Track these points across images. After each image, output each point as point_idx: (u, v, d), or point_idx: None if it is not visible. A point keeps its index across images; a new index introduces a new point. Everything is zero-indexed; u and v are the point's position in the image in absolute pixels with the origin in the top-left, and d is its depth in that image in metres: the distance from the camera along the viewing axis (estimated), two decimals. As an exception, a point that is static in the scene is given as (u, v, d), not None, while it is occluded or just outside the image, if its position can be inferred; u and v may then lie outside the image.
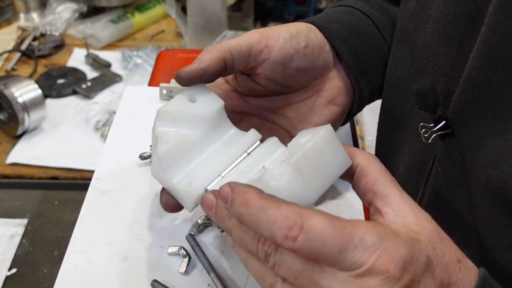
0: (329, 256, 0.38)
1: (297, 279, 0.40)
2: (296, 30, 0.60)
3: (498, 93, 0.45)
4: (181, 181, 0.53)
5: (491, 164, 0.46)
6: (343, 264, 0.38)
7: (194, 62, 0.55)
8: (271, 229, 0.38)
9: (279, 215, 0.38)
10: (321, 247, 0.37)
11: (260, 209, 0.39)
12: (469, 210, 0.51)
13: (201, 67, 0.54)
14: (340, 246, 0.38)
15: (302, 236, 0.37)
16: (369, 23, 0.66)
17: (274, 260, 0.40)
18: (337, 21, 0.65)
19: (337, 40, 0.63)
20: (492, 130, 0.46)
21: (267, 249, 0.41)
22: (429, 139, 0.53)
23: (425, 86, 0.51)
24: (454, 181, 0.52)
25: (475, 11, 0.49)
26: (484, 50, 0.45)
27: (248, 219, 0.40)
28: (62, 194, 1.22)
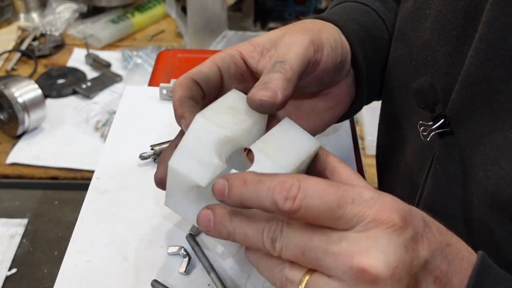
0: (329, 212, 0.38)
1: (305, 254, 0.39)
2: (334, 40, 0.57)
3: (496, 91, 0.45)
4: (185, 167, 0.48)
5: (490, 161, 0.46)
6: (344, 220, 0.38)
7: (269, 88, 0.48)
8: (272, 196, 0.39)
9: (277, 182, 0.39)
10: (320, 203, 0.38)
11: (258, 182, 0.40)
12: (465, 208, 0.51)
13: (282, 99, 0.48)
14: (338, 200, 0.38)
15: (300, 195, 0.38)
16: (383, 28, 0.66)
17: (281, 244, 0.40)
18: (356, 21, 0.63)
19: (356, 43, 0.61)
20: (491, 127, 0.46)
21: (272, 235, 0.41)
22: (428, 138, 0.53)
23: (424, 84, 0.51)
24: (452, 179, 0.52)
25: (473, 9, 0.49)
26: (481, 48, 0.46)
27: (249, 196, 0.40)
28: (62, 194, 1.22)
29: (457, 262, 0.41)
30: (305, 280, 0.40)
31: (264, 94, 0.48)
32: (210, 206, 0.45)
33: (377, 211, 0.38)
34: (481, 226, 0.49)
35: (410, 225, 0.39)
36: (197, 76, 0.53)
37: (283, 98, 0.48)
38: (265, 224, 0.41)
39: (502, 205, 0.45)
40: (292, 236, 0.40)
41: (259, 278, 0.58)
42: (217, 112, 0.49)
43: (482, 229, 0.48)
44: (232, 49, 0.56)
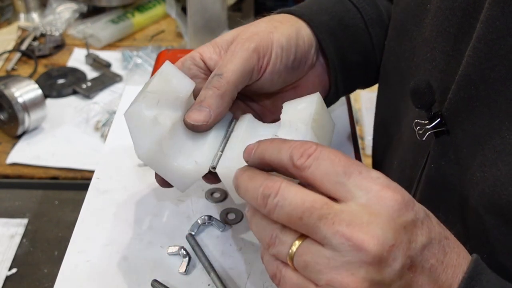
0: (334, 175, 0.39)
1: (302, 218, 0.39)
2: (286, 39, 0.59)
3: (495, 91, 0.45)
4: (184, 162, 0.53)
5: (488, 162, 0.46)
6: (346, 187, 0.39)
7: (202, 108, 0.54)
8: (291, 151, 0.41)
9: (299, 142, 0.42)
10: (329, 165, 0.39)
11: (283, 141, 0.43)
12: (459, 208, 0.51)
13: (213, 120, 0.55)
14: (347, 168, 0.39)
15: (315, 154, 0.40)
16: (358, 17, 0.66)
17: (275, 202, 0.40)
18: (327, 11, 0.64)
19: (324, 34, 0.62)
20: (489, 128, 0.46)
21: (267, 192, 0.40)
22: (423, 137, 0.53)
23: (421, 83, 0.51)
24: (446, 179, 0.52)
25: (471, 7, 0.49)
26: (480, 47, 0.45)
27: (271, 150, 0.42)
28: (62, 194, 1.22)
29: (453, 256, 0.41)
30: (297, 244, 0.40)
31: (197, 118, 0.54)
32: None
33: (382, 188, 0.39)
34: (475, 227, 0.48)
35: (412, 209, 0.39)
36: None
37: (215, 116, 0.54)
38: (264, 181, 0.41)
39: (498, 207, 0.45)
40: (290, 198, 0.40)
41: (259, 278, 0.58)
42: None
43: (476, 230, 0.48)
44: (195, 50, 0.60)
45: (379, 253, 0.37)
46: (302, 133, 0.51)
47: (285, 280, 0.41)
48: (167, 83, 0.54)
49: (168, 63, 0.56)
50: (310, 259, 0.39)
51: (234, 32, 0.60)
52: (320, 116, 0.54)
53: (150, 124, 0.52)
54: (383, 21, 0.67)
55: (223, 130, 0.57)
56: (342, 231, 0.37)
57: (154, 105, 0.52)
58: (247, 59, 0.56)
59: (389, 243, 0.38)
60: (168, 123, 0.52)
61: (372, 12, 0.67)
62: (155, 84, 0.53)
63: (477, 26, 0.46)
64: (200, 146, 0.55)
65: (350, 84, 0.68)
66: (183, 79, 0.55)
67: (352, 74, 0.66)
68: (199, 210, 0.65)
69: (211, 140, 0.56)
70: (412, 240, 0.39)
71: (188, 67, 0.59)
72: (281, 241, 0.41)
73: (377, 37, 0.67)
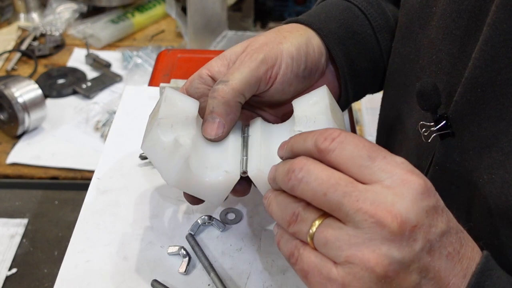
0: (359, 159, 0.40)
1: (326, 195, 0.40)
2: (296, 49, 0.59)
3: (502, 94, 0.45)
4: (214, 175, 0.54)
5: (496, 165, 0.46)
6: (371, 170, 0.39)
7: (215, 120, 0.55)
8: (316, 138, 0.42)
9: (323, 129, 0.42)
10: (353, 149, 0.40)
11: (309, 132, 0.43)
12: (464, 210, 0.51)
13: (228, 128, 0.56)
14: (371, 152, 0.40)
15: (339, 139, 0.41)
16: (366, 23, 0.66)
17: (301, 176, 0.41)
18: (335, 19, 0.64)
19: (333, 43, 0.63)
20: (496, 130, 0.46)
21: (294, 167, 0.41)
22: (428, 139, 0.53)
23: (427, 86, 0.51)
24: (451, 181, 0.52)
25: (478, 9, 0.49)
26: (487, 50, 0.45)
27: (299, 141, 0.43)
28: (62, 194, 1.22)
29: (468, 249, 0.41)
30: (317, 223, 0.40)
31: (212, 130, 0.55)
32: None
33: (407, 172, 0.39)
34: (482, 230, 0.48)
35: (434, 196, 0.40)
36: None
37: (228, 124, 0.56)
38: (291, 161, 0.42)
39: (506, 209, 0.45)
40: (316, 173, 0.40)
41: (259, 278, 0.58)
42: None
43: (483, 232, 0.48)
44: (203, 68, 0.60)
45: (401, 231, 0.38)
46: (324, 123, 0.52)
47: (302, 259, 0.41)
48: (174, 107, 0.54)
49: (169, 88, 0.57)
50: (330, 236, 0.39)
51: (244, 44, 0.60)
52: (334, 107, 0.55)
53: (173, 147, 0.52)
54: (390, 27, 0.67)
55: (239, 137, 0.57)
56: (365, 208, 0.38)
57: (169, 129, 0.53)
58: (254, 69, 0.56)
59: (411, 223, 0.38)
60: (188, 141, 0.53)
61: (379, 18, 0.67)
62: (163, 110, 0.54)
63: (484, 29, 0.46)
64: (223, 156, 0.55)
65: (359, 91, 0.68)
66: (187, 101, 0.56)
67: (361, 81, 0.67)
68: (199, 210, 0.65)
69: (231, 148, 0.56)
70: (432, 225, 0.39)
71: (196, 87, 0.59)
72: (302, 219, 0.41)
73: (385, 43, 0.67)
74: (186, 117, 0.54)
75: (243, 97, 0.56)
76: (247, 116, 0.63)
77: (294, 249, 0.42)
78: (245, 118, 0.62)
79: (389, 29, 0.67)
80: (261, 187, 0.53)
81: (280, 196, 0.44)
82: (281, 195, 0.44)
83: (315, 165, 0.41)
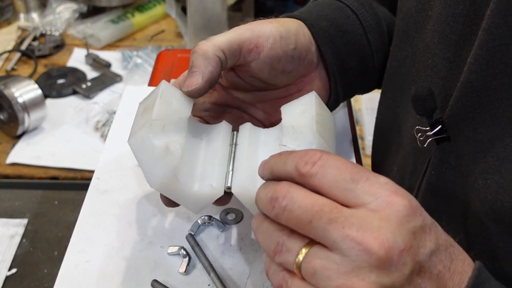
0: (342, 183, 0.39)
1: (312, 222, 0.39)
2: (286, 30, 0.60)
3: (497, 98, 0.45)
4: (199, 187, 0.53)
5: (491, 170, 0.46)
6: (355, 194, 0.39)
7: (193, 73, 0.55)
8: (297, 160, 0.41)
9: (303, 151, 0.42)
10: (336, 173, 0.39)
11: (289, 153, 0.43)
12: (460, 215, 0.51)
13: (206, 80, 0.55)
14: (354, 175, 0.39)
15: (320, 162, 0.40)
16: (357, 23, 0.67)
17: (285, 205, 0.40)
18: (326, 18, 0.65)
19: (323, 40, 0.63)
20: (491, 135, 0.46)
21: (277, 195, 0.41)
22: (424, 143, 0.53)
23: (423, 90, 0.51)
24: (447, 186, 0.52)
25: (473, 13, 0.48)
26: (482, 55, 0.45)
27: (279, 163, 0.43)
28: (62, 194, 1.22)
29: (459, 263, 0.41)
30: (304, 252, 0.39)
31: (189, 83, 0.55)
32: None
33: (391, 194, 0.39)
34: (478, 235, 0.48)
35: (420, 215, 0.39)
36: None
37: (207, 78, 0.55)
38: (273, 186, 0.41)
39: (501, 214, 0.45)
40: (300, 201, 0.39)
41: (259, 278, 0.58)
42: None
43: (479, 237, 0.48)
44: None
45: (389, 257, 0.37)
46: (309, 137, 0.51)
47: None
48: (169, 106, 0.53)
49: (165, 82, 0.56)
50: (318, 265, 0.38)
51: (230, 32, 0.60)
52: (321, 116, 0.54)
53: (162, 154, 0.50)
54: (381, 28, 0.68)
55: (227, 145, 0.57)
56: (352, 235, 0.37)
57: (160, 132, 0.51)
58: (238, 33, 0.57)
59: (399, 248, 0.37)
60: (178, 149, 0.51)
61: (370, 19, 0.67)
62: (158, 110, 0.52)
63: (479, 33, 0.46)
64: (210, 166, 0.55)
65: (349, 90, 0.68)
66: (181, 99, 0.55)
67: (350, 80, 0.67)
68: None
69: (219, 157, 0.55)
70: (421, 245, 0.39)
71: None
72: (288, 248, 0.40)
73: (375, 43, 0.67)
74: (179, 118, 0.53)
75: (222, 53, 0.56)
76: (238, 116, 0.63)
77: (282, 281, 0.41)
78: (236, 118, 0.62)
79: (380, 30, 0.68)
80: (246, 203, 0.53)
81: (264, 223, 0.43)
82: (265, 222, 0.43)
83: (298, 191, 0.40)
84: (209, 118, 0.63)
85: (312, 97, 0.55)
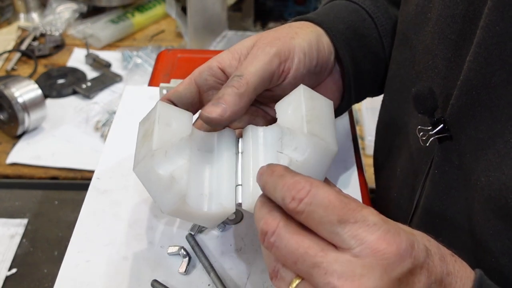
0: (329, 225, 0.38)
1: (296, 263, 0.39)
2: (308, 45, 0.59)
3: (497, 95, 0.45)
4: (210, 207, 0.52)
5: (492, 167, 0.46)
6: (342, 237, 0.38)
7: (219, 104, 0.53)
8: (284, 192, 0.40)
9: (293, 181, 0.40)
10: (322, 213, 0.39)
11: (280, 176, 0.41)
12: (465, 213, 0.51)
13: (228, 116, 0.53)
14: (341, 216, 0.38)
15: (307, 199, 0.39)
16: (372, 27, 0.67)
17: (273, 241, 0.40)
18: (343, 20, 0.65)
19: (341, 43, 0.63)
20: (492, 132, 0.46)
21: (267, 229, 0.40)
22: (427, 143, 0.53)
23: (424, 89, 0.51)
24: (451, 184, 0.52)
25: (471, 13, 0.49)
26: (481, 53, 0.45)
27: (269, 186, 0.42)
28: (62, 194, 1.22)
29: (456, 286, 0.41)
30: (295, 283, 0.40)
31: (212, 110, 0.53)
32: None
33: (378, 239, 0.38)
34: (483, 232, 0.48)
35: (409, 257, 0.38)
36: (172, 96, 0.58)
37: (231, 114, 0.53)
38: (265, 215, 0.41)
39: (506, 211, 0.45)
40: (286, 240, 0.39)
41: (259, 278, 0.58)
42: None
43: (484, 235, 0.48)
44: (212, 59, 0.59)
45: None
46: (302, 142, 0.49)
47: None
48: (168, 129, 0.52)
49: (161, 103, 0.54)
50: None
51: (254, 38, 0.59)
52: (313, 109, 0.52)
53: (168, 183, 0.50)
54: (394, 31, 0.68)
55: (232, 154, 0.56)
56: (333, 282, 0.37)
57: (163, 159, 0.50)
58: (268, 62, 0.55)
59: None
60: (184, 175, 0.50)
61: (386, 23, 0.67)
62: (157, 138, 0.51)
63: (477, 32, 0.46)
64: (217, 183, 0.54)
65: (361, 93, 0.68)
66: (180, 118, 0.54)
67: (363, 83, 0.67)
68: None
69: (226, 170, 0.54)
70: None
71: (205, 78, 0.58)
72: (281, 277, 0.41)
73: (389, 47, 0.67)
74: (180, 138, 0.52)
75: (255, 92, 0.55)
76: (253, 110, 0.63)
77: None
78: (250, 113, 0.61)
79: (394, 34, 0.68)
80: None
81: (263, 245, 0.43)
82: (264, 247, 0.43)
83: (286, 229, 0.40)
84: None
85: (300, 93, 0.53)
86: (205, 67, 0.58)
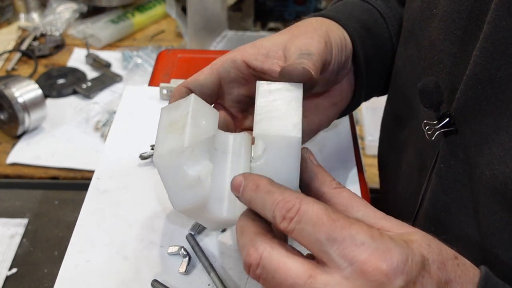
0: (317, 243, 0.38)
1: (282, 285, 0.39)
2: (340, 41, 0.59)
3: (502, 90, 0.45)
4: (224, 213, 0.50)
5: (497, 160, 0.46)
6: (330, 257, 0.38)
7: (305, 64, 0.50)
8: (274, 210, 0.40)
9: (282, 198, 0.40)
10: (311, 231, 0.38)
11: (267, 193, 0.41)
12: (471, 206, 0.51)
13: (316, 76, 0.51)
14: (328, 234, 0.38)
15: (297, 218, 0.39)
16: (384, 27, 0.67)
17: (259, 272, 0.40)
18: (357, 19, 0.65)
19: (357, 42, 0.62)
20: (497, 126, 0.46)
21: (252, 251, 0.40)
22: (432, 137, 0.53)
23: (429, 83, 0.52)
24: (456, 178, 0.52)
25: (477, 9, 0.49)
26: (487, 47, 0.46)
27: (257, 202, 0.41)
28: (62, 194, 1.22)
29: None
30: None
31: (305, 62, 0.50)
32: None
33: (367, 259, 0.37)
34: (490, 225, 0.48)
35: (400, 274, 0.37)
36: (191, 84, 0.55)
37: (317, 77, 0.50)
38: (249, 242, 0.41)
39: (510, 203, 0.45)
40: (273, 272, 0.39)
41: (259, 278, 0.58)
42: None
43: (491, 228, 0.48)
44: (235, 52, 0.56)
45: None
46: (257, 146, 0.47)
47: None
48: (199, 127, 0.49)
49: (195, 97, 0.51)
50: None
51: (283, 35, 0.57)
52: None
53: (193, 183, 0.48)
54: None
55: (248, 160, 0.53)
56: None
57: (190, 157, 0.48)
58: (324, 49, 0.54)
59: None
60: (208, 179, 0.49)
61: (396, 23, 0.68)
62: (190, 135, 0.48)
63: (483, 27, 0.46)
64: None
65: (369, 92, 0.69)
66: (209, 117, 0.51)
67: (373, 82, 0.67)
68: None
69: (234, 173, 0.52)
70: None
71: (228, 71, 0.56)
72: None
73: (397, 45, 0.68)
74: (207, 137, 0.50)
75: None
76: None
77: None
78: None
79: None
80: None
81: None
82: None
83: (270, 258, 0.39)
84: (237, 111, 0.60)
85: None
86: (227, 58, 0.56)
